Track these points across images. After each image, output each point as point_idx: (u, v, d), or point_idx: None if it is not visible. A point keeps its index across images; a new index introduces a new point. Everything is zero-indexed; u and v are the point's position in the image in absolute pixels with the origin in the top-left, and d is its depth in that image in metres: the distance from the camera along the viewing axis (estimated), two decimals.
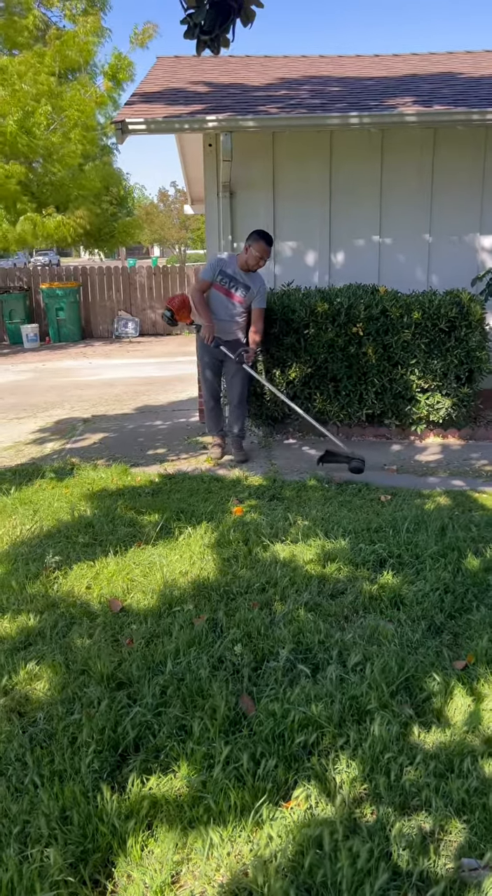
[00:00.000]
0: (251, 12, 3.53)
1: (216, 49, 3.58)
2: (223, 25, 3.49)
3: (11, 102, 10.86)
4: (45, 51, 11.99)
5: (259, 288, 5.47)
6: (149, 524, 4.13)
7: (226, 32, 3.54)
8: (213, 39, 3.50)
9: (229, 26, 3.52)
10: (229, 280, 5.43)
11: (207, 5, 3.46)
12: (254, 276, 5.49)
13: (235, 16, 3.53)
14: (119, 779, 2.18)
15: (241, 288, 5.44)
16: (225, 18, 3.51)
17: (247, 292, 5.45)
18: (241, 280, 5.43)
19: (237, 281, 5.43)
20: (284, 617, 3.03)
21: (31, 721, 2.45)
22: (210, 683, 2.56)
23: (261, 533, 3.91)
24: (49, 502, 4.59)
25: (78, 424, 7.10)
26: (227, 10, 3.48)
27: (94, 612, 3.17)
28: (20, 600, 3.28)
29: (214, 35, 3.45)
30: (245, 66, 8.80)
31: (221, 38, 3.55)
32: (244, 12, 3.52)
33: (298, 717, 2.34)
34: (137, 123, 5.96)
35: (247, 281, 5.44)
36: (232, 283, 5.44)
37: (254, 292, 5.45)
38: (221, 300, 5.47)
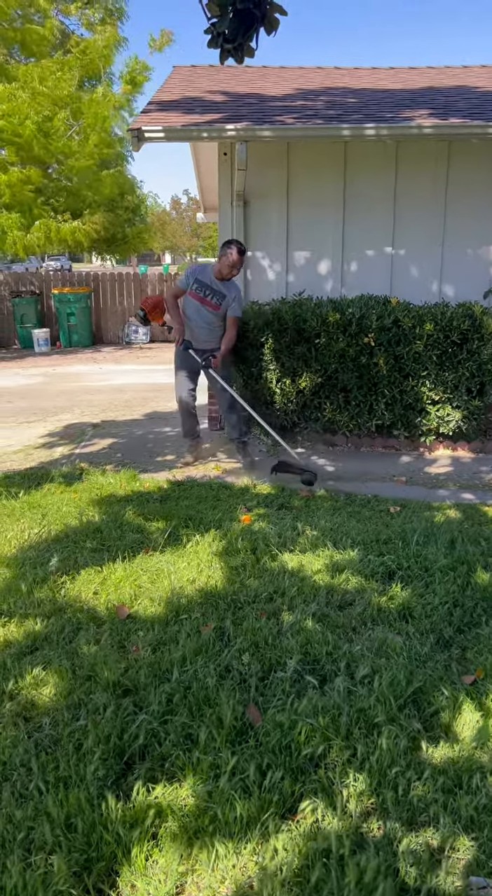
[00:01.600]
0: (275, 20, 3.54)
1: (240, 58, 3.58)
2: (247, 34, 3.51)
3: (31, 105, 10.94)
4: (66, 59, 12.11)
5: (234, 296, 5.55)
6: (157, 531, 4.12)
7: (249, 41, 3.55)
8: (236, 48, 3.51)
9: (253, 35, 3.54)
10: (204, 288, 5.52)
11: (231, 14, 3.47)
12: (229, 284, 5.57)
13: (258, 24, 3.54)
14: (124, 787, 2.16)
15: (215, 296, 5.52)
16: (248, 27, 3.52)
17: (222, 300, 5.52)
18: (215, 288, 5.52)
19: (212, 289, 5.52)
20: (292, 627, 3.02)
21: (36, 726, 2.44)
22: (217, 692, 2.54)
23: (269, 542, 3.90)
24: (57, 507, 4.59)
25: (87, 429, 7.11)
26: (250, 19, 3.50)
27: (101, 618, 3.16)
28: (27, 605, 3.28)
29: (238, 44, 3.46)
30: (261, 77, 8.84)
31: (245, 46, 3.56)
32: (268, 20, 3.53)
33: (305, 729, 2.32)
34: (155, 131, 5.99)
35: (222, 289, 5.52)
36: (207, 291, 5.52)
37: (229, 300, 5.52)
38: (196, 307, 5.56)
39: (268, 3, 3.46)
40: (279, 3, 3.50)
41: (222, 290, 5.53)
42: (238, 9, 3.41)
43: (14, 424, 7.47)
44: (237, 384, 6.16)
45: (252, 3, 3.43)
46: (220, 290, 5.53)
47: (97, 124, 11.80)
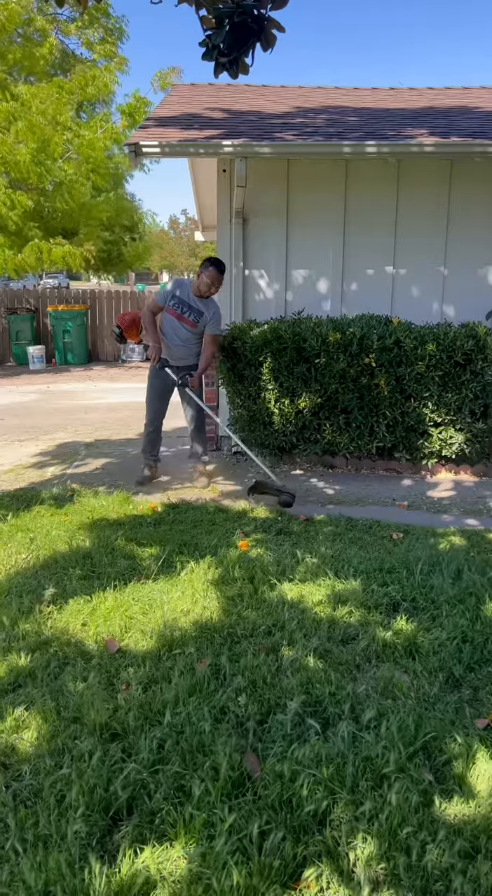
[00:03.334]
0: (272, 37, 3.43)
1: (235, 73, 3.47)
2: (243, 49, 3.39)
3: (27, 132, 10.89)
4: (65, 82, 12.11)
5: (213, 314, 5.47)
6: (150, 557, 3.94)
7: (245, 56, 3.44)
8: (231, 62, 3.39)
9: (249, 50, 3.42)
10: (182, 305, 5.44)
11: (227, 27, 3.36)
12: (208, 302, 5.49)
13: (255, 39, 3.43)
14: (110, 846, 1.97)
15: (193, 313, 5.44)
16: (245, 42, 3.41)
17: (200, 318, 5.44)
18: (194, 305, 5.43)
19: (190, 306, 5.43)
20: (292, 664, 2.83)
21: (15, 775, 2.24)
22: (212, 738, 2.35)
23: (267, 570, 3.72)
24: (47, 530, 4.41)
25: (80, 449, 6.94)
26: (247, 34, 3.38)
27: (90, 653, 2.97)
28: (11, 637, 3.09)
29: (233, 58, 3.34)
30: (261, 95, 8.79)
31: (240, 61, 3.45)
32: (265, 36, 3.42)
33: (307, 781, 2.14)
34: (151, 146, 5.89)
35: (200, 306, 5.44)
36: (184, 308, 5.44)
37: (207, 318, 5.44)
38: (174, 324, 5.47)
39: (266, 19, 3.35)
40: (277, 20, 3.40)
41: (201, 307, 5.44)
42: (235, 22, 3.30)
43: (6, 443, 7.29)
44: (234, 404, 6.01)
45: (249, 17, 3.32)
46: (198, 308, 5.44)
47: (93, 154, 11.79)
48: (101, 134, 12.09)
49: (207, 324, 5.45)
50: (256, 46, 3.39)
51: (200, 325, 5.46)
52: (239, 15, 3.28)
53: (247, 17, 3.31)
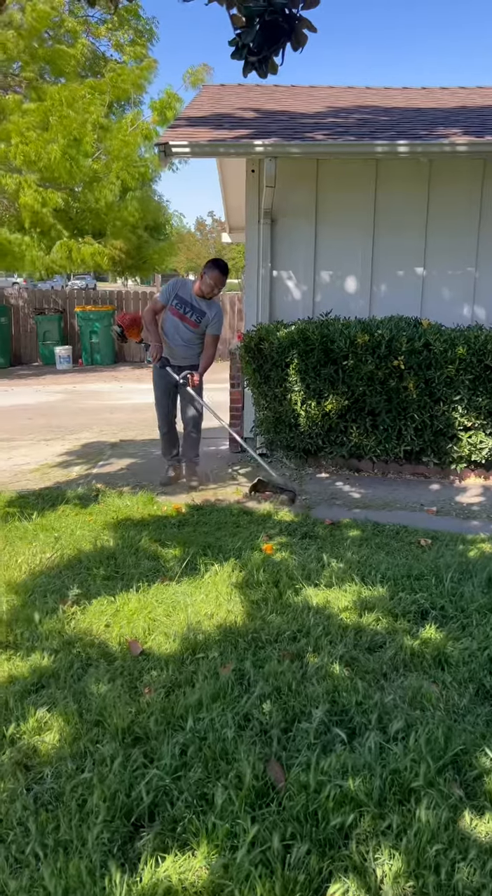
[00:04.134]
0: (303, 36, 3.39)
1: (263, 72, 3.43)
2: (273, 48, 3.35)
3: (58, 129, 10.95)
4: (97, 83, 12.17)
5: (214, 314, 5.49)
6: (174, 559, 3.91)
7: (275, 55, 3.40)
8: (260, 61, 3.35)
9: (279, 49, 3.38)
10: (184, 305, 5.46)
11: (258, 26, 3.32)
12: (210, 302, 5.52)
13: (285, 39, 3.38)
14: (131, 854, 1.93)
15: (195, 313, 5.46)
16: (275, 41, 3.37)
17: (202, 318, 5.46)
18: (196, 305, 5.46)
19: (192, 306, 5.45)
20: (318, 672, 2.78)
21: (37, 777, 2.22)
22: (236, 745, 2.31)
23: (292, 574, 3.66)
24: (71, 530, 4.40)
25: (105, 449, 6.94)
26: (277, 33, 3.34)
27: (113, 654, 2.94)
28: (34, 637, 3.07)
29: (262, 57, 3.30)
30: (291, 95, 8.74)
31: (270, 60, 3.41)
32: (295, 36, 3.38)
33: (333, 793, 2.08)
34: (181, 146, 5.87)
35: (202, 307, 5.46)
36: (186, 308, 5.46)
37: (209, 318, 5.46)
38: (175, 324, 5.49)
39: (297, 18, 3.31)
40: (309, 19, 3.35)
41: (203, 307, 5.46)
42: (266, 21, 3.26)
43: (33, 442, 7.33)
44: (260, 405, 5.97)
45: (281, 17, 3.28)
46: (200, 308, 5.46)
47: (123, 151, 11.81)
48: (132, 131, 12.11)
49: (209, 324, 5.47)
50: (287, 46, 3.35)
51: (202, 326, 5.48)
52: (270, 14, 3.24)
53: (278, 16, 3.27)
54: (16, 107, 11.04)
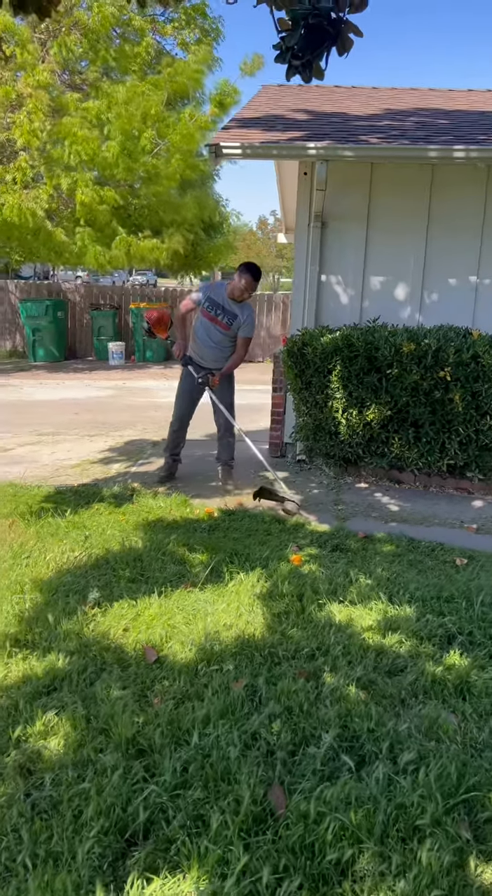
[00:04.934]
0: (349, 41, 3.29)
1: (307, 76, 3.35)
2: (316, 52, 3.27)
3: (117, 127, 11.05)
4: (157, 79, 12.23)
5: (246, 317, 5.47)
6: (200, 564, 3.88)
7: (318, 59, 3.32)
8: (304, 65, 3.27)
9: (323, 53, 3.30)
10: (216, 307, 5.46)
11: (302, 29, 3.24)
12: (243, 305, 5.49)
13: (330, 43, 3.30)
14: (120, 872, 1.90)
15: (227, 315, 5.45)
16: (319, 44, 3.29)
17: (233, 321, 5.45)
18: (228, 308, 5.44)
19: (224, 309, 5.44)
20: (333, 693, 2.70)
21: (37, 783, 2.21)
22: (238, 766, 2.26)
23: (317, 588, 3.59)
24: (102, 528, 4.42)
25: (147, 447, 6.97)
26: (322, 37, 3.26)
27: (127, 660, 2.93)
28: (52, 637, 3.08)
29: (306, 60, 3.22)
30: (349, 97, 8.62)
31: (314, 65, 3.33)
32: (341, 40, 3.29)
33: (333, 826, 2.01)
34: (232, 148, 5.84)
35: (234, 309, 5.45)
36: (218, 311, 5.45)
37: (240, 321, 5.45)
38: (207, 326, 5.50)
39: (343, 22, 3.22)
40: (355, 24, 3.25)
41: (235, 310, 5.44)
42: (310, 24, 3.18)
43: (77, 438, 7.41)
44: (300, 411, 5.89)
45: (326, 20, 3.20)
46: (232, 311, 5.44)
47: (182, 145, 11.83)
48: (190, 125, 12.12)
49: (241, 326, 5.46)
50: (332, 50, 3.27)
51: (233, 328, 5.47)
52: (314, 17, 3.16)
53: (323, 19, 3.19)
54: (74, 105, 11.19)
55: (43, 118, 10.90)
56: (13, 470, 5.98)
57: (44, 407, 9.26)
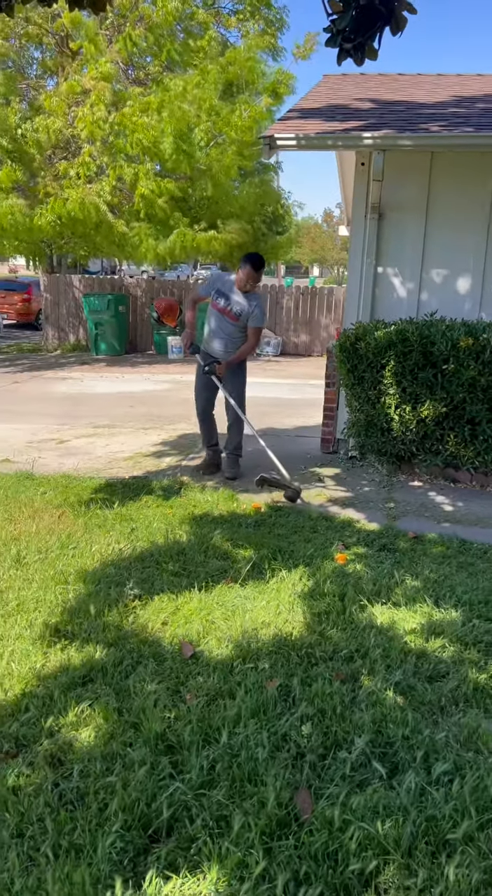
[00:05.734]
0: (402, 19, 3.18)
1: (360, 59, 3.26)
2: (369, 33, 3.17)
3: (170, 122, 11.09)
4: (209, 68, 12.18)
5: (255, 307, 5.53)
6: (242, 560, 3.85)
7: (371, 40, 3.22)
8: (356, 48, 3.18)
9: (375, 34, 3.20)
10: (226, 299, 5.53)
11: (354, 10, 3.15)
12: (251, 295, 5.55)
13: (382, 23, 3.19)
14: (140, 868, 1.90)
15: (236, 307, 5.51)
16: (371, 25, 3.19)
17: (242, 311, 5.51)
18: (236, 299, 5.51)
19: (234, 300, 5.52)
20: (369, 697, 2.63)
21: (65, 773, 2.23)
22: (266, 767, 2.22)
23: (361, 589, 3.51)
24: (149, 521, 4.45)
25: (199, 441, 6.96)
26: (375, 17, 3.16)
27: (164, 654, 2.93)
28: (92, 628, 3.11)
29: (358, 43, 3.13)
30: (414, 84, 8.40)
31: (367, 47, 3.23)
32: (394, 19, 3.18)
33: (358, 835, 1.95)
34: (287, 139, 5.76)
35: (242, 300, 5.51)
36: (228, 303, 5.53)
37: (249, 311, 5.51)
38: (218, 317, 5.59)
39: (396, 0, 3.11)
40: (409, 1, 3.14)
41: (243, 300, 5.51)
42: (361, 5, 3.08)
43: (131, 430, 7.50)
44: (352, 407, 5.79)
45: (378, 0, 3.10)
46: (240, 301, 5.51)
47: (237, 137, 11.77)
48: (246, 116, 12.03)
49: (250, 316, 5.51)
50: (385, 31, 3.17)
51: (242, 319, 5.52)
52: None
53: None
54: (135, 98, 11.28)
55: (105, 109, 11.01)
56: (68, 461, 6.10)
57: (102, 400, 9.41)
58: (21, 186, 12.02)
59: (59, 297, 15.74)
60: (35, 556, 3.86)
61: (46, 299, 15.89)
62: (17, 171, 11.19)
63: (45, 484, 5.22)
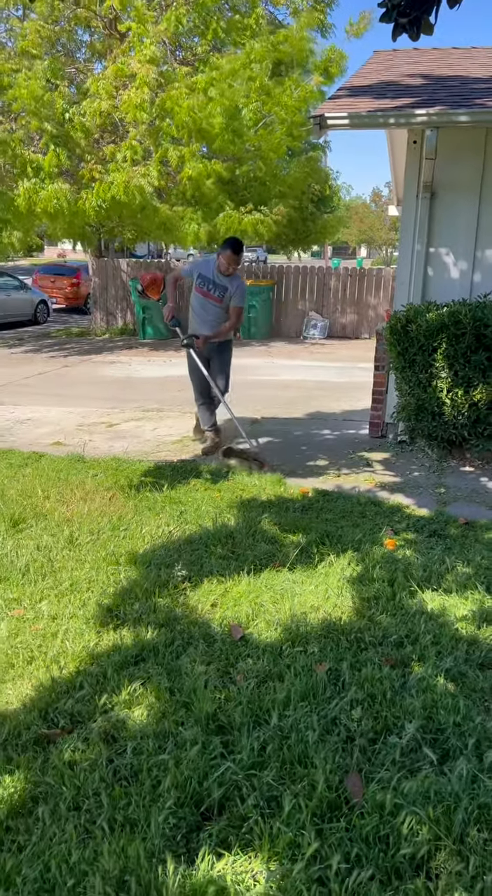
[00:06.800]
0: None
1: (415, 34, 3.19)
2: (424, 6, 3.09)
3: (220, 102, 10.99)
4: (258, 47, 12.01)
5: (236, 288, 5.77)
6: (290, 544, 3.86)
7: (427, 15, 3.14)
8: (411, 23, 3.11)
9: (431, 7, 3.12)
10: (206, 282, 5.75)
11: None
12: (232, 277, 5.77)
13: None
14: (193, 844, 1.93)
15: (218, 289, 5.74)
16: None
17: (224, 293, 5.74)
18: (218, 282, 5.73)
19: (215, 283, 5.73)
20: (419, 683, 2.62)
21: (119, 750, 2.28)
22: (316, 750, 2.24)
23: (411, 574, 3.48)
24: (197, 505, 4.48)
25: (246, 425, 6.98)
26: None
27: (213, 636, 2.96)
28: (143, 609, 3.16)
29: (413, 17, 3.06)
30: (468, 58, 8.16)
31: (423, 21, 3.15)
32: None
33: (410, 820, 1.96)
34: (338, 118, 5.67)
35: (224, 283, 5.73)
36: (209, 286, 5.75)
37: (231, 292, 5.74)
38: (202, 302, 5.82)
39: None
40: None
41: (225, 283, 5.72)
42: None
43: (179, 414, 7.56)
44: (402, 391, 5.71)
45: None
46: (222, 284, 5.72)
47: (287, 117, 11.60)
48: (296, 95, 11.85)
49: (232, 297, 5.73)
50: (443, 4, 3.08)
51: (225, 301, 5.75)
52: None
53: None
54: (182, 79, 11.22)
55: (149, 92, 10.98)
56: (117, 445, 6.18)
57: (150, 384, 9.50)
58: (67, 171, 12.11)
59: (108, 281, 15.88)
60: (87, 537, 3.94)
61: (95, 283, 16.06)
62: (61, 155, 11.26)
63: (95, 466, 5.31)
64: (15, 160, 11.54)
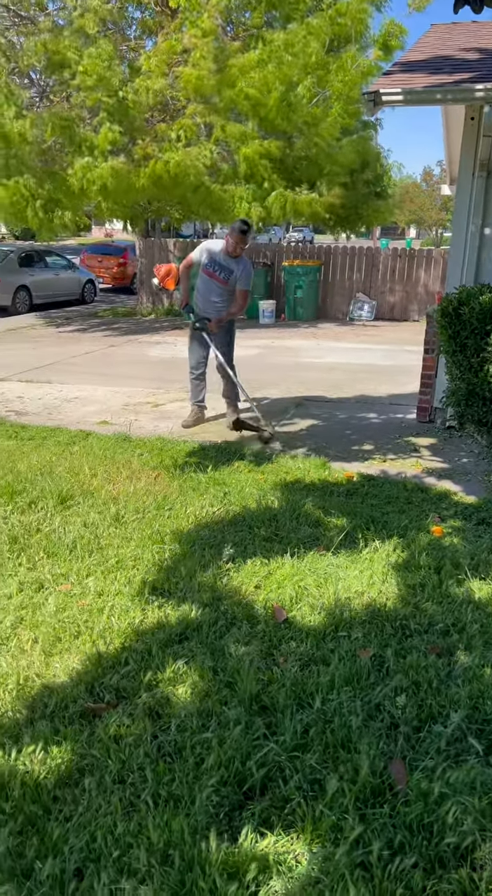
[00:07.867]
0: None
1: (478, 6, 3.09)
2: None
3: (276, 76, 10.81)
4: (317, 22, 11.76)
5: (242, 270, 5.82)
6: (334, 529, 3.83)
7: None
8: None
9: None
10: (214, 264, 5.82)
11: None
12: (238, 260, 5.82)
13: None
14: (236, 822, 1.95)
15: (224, 271, 5.82)
16: None
17: (230, 275, 5.81)
18: (225, 264, 5.80)
19: (221, 265, 5.81)
20: (465, 672, 2.59)
21: (163, 727, 2.31)
22: (359, 735, 2.23)
23: (458, 563, 3.43)
24: (241, 486, 4.49)
25: (290, 407, 6.96)
26: None
27: (257, 617, 2.97)
28: (187, 588, 3.18)
29: None
30: None
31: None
32: None
33: (455, 809, 1.93)
34: (393, 94, 5.53)
35: (231, 265, 5.79)
36: (215, 267, 5.82)
37: (237, 275, 5.80)
38: (207, 283, 5.91)
39: None
40: None
41: (231, 265, 5.79)
42: None
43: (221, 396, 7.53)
44: (452, 375, 5.59)
45: None
46: (228, 266, 5.79)
47: (343, 92, 11.35)
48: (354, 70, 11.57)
49: (238, 280, 5.80)
50: None
51: (231, 283, 5.83)
52: None
53: None
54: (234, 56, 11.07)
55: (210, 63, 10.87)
56: (162, 425, 6.22)
57: None
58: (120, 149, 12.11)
59: (154, 261, 15.91)
60: (133, 515, 3.97)
61: (141, 263, 16.12)
62: (115, 132, 11.26)
63: (141, 446, 5.35)
64: (72, 138, 11.58)
